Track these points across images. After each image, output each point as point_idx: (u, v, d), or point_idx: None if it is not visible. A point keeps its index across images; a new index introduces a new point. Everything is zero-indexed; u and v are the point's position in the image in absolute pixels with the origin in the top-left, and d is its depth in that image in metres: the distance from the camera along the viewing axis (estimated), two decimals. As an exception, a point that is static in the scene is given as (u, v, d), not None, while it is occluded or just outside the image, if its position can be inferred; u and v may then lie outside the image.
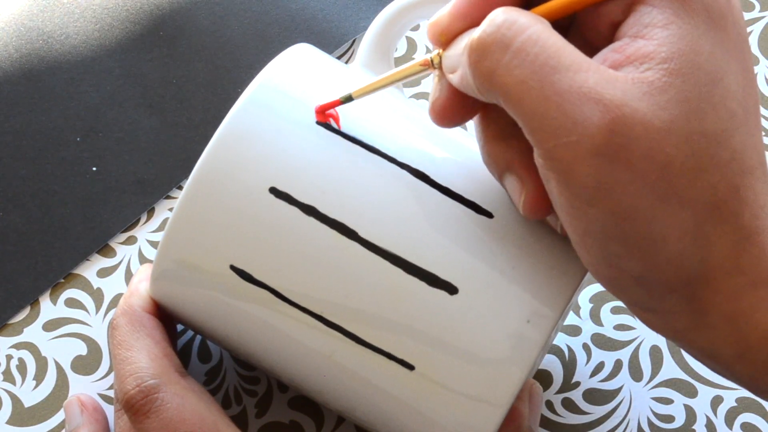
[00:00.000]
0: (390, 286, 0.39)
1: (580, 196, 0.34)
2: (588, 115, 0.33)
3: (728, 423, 0.48)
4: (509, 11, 0.35)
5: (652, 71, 0.34)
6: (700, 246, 0.34)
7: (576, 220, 0.35)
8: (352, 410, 0.41)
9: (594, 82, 0.33)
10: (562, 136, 0.33)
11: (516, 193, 0.37)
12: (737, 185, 0.34)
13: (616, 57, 0.35)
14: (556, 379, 0.48)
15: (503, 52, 0.34)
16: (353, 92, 0.40)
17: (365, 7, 0.55)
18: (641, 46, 0.34)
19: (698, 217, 0.34)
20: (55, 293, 0.50)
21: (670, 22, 0.34)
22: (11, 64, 0.53)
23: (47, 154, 0.52)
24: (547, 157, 0.34)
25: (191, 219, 0.40)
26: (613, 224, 0.34)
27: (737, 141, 0.34)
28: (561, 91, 0.33)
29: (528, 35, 0.34)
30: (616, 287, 0.36)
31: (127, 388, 0.41)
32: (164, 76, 0.53)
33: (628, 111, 0.33)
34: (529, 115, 0.34)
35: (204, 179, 0.39)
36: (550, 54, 0.34)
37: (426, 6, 0.44)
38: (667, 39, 0.34)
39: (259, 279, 0.39)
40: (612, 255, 0.35)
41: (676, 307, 0.35)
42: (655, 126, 0.33)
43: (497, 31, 0.34)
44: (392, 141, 0.40)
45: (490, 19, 0.35)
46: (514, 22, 0.34)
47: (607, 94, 0.33)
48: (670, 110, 0.33)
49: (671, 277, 0.34)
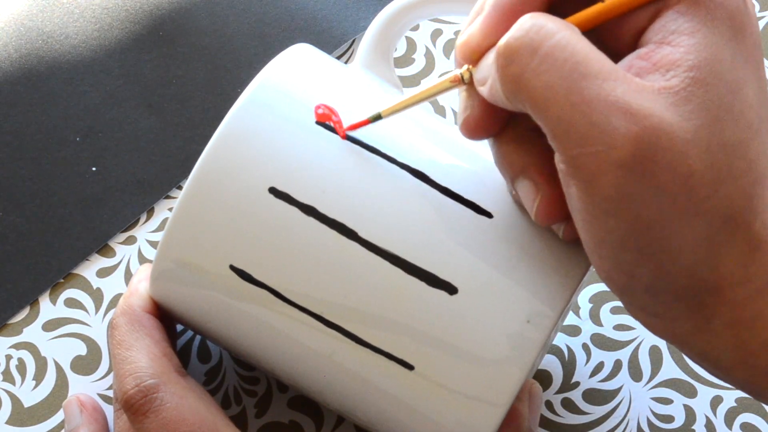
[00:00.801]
0: (390, 286, 0.39)
1: (601, 205, 0.34)
2: (615, 126, 0.33)
3: (728, 423, 0.48)
4: (537, 16, 0.34)
5: (677, 79, 0.33)
6: (712, 256, 0.34)
7: (594, 228, 0.34)
8: (352, 410, 0.41)
9: (622, 92, 0.33)
10: (588, 145, 0.33)
11: (529, 198, 0.37)
12: (751, 195, 0.34)
13: (642, 64, 0.34)
14: (555, 379, 0.48)
15: (531, 56, 0.34)
16: (382, 111, 0.40)
17: (365, 7, 0.55)
18: (668, 53, 0.34)
19: (713, 228, 0.34)
20: (55, 293, 0.50)
21: (696, 30, 0.34)
22: (11, 64, 0.53)
23: (47, 154, 0.52)
24: (570, 164, 0.34)
25: (191, 219, 0.40)
26: (631, 234, 0.34)
27: (753, 151, 0.34)
28: (589, 98, 0.33)
29: (557, 40, 0.34)
30: (624, 293, 0.36)
31: (126, 387, 0.41)
32: (164, 76, 0.53)
33: (656, 122, 0.33)
34: (554, 121, 0.33)
35: (203, 179, 0.39)
36: (578, 60, 0.33)
37: (425, 6, 0.44)
38: (694, 47, 0.34)
39: (258, 279, 0.39)
40: (626, 263, 0.34)
41: (680, 313, 0.35)
42: (679, 137, 0.33)
43: (525, 35, 0.34)
44: (392, 141, 0.40)
45: (518, 24, 0.34)
46: (543, 27, 0.34)
47: (635, 104, 0.33)
48: (694, 121, 0.33)
49: (681, 286, 0.34)
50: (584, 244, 0.36)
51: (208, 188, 0.39)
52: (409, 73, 0.54)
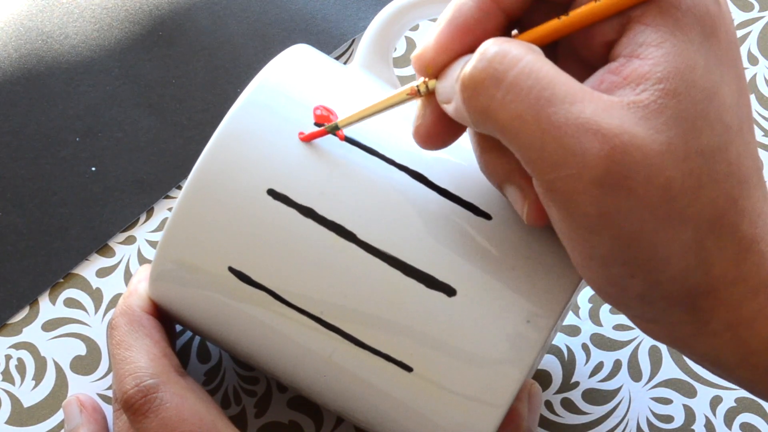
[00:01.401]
0: (388, 287, 0.39)
1: (582, 224, 0.34)
2: (587, 147, 0.33)
3: (727, 423, 0.48)
4: (500, 42, 0.34)
5: (647, 92, 0.33)
6: (702, 260, 0.34)
7: (578, 246, 0.34)
8: (351, 411, 0.41)
9: (590, 112, 0.33)
10: (562, 168, 0.33)
11: (518, 202, 0.37)
12: (735, 197, 0.34)
13: (613, 79, 0.34)
14: (555, 380, 0.48)
15: (496, 87, 0.33)
16: (339, 122, 0.40)
17: (364, 7, 0.55)
18: (637, 66, 0.34)
19: (699, 233, 0.34)
20: (54, 293, 0.50)
21: (664, 40, 0.34)
22: (11, 64, 0.53)
23: (46, 154, 0.52)
24: (546, 188, 0.34)
25: (190, 220, 0.40)
26: (617, 249, 0.34)
27: (733, 153, 0.34)
28: (558, 123, 0.33)
29: (520, 68, 0.33)
30: (619, 303, 0.36)
31: (126, 387, 0.41)
32: (163, 76, 0.53)
33: (627, 138, 0.33)
34: (526, 149, 0.33)
35: (202, 180, 0.39)
36: (544, 86, 0.33)
37: (425, 6, 0.44)
38: (662, 58, 0.34)
39: (257, 281, 0.39)
40: (616, 276, 0.35)
41: (678, 318, 0.35)
42: (653, 150, 0.33)
43: (489, 65, 0.34)
44: (390, 143, 0.40)
45: (480, 52, 0.34)
46: (506, 55, 0.34)
47: (604, 124, 0.33)
48: (667, 132, 0.33)
49: (674, 292, 0.35)
50: (573, 261, 0.36)
51: (206, 189, 0.39)
52: (408, 73, 0.54)
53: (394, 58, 0.54)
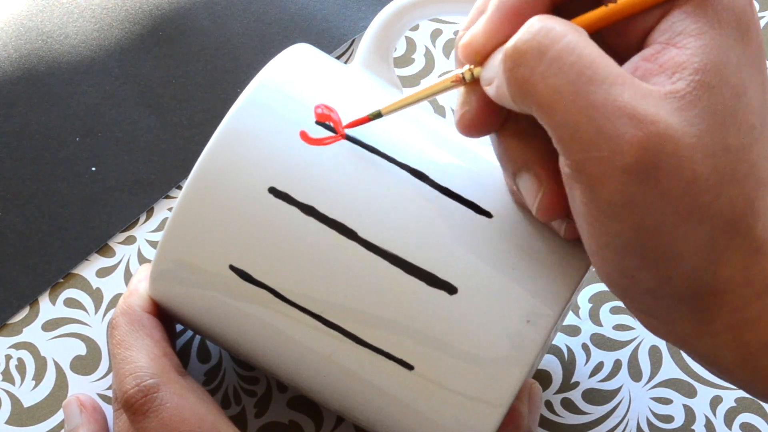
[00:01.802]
0: (389, 286, 0.39)
1: (605, 210, 0.33)
2: (621, 131, 0.33)
3: (727, 423, 0.48)
4: (546, 19, 0.34)
5: (683, 82, 0.33)
6: (714, 260, 0.34)
7: (597, 232, 0.34)
8: (351, 410, 0.41)
9: (628, 97, 0.33)
10: (593, 150, 0.33)
11: (531, 192, 0.37)
12: (753, 198, 0.34)
13: (648, 66, 0.34)
14: (555, 380, 0.48)
15: (539, 60, 0.33)
16: (382, 109, 0.40)
17: (365, 7, 0.55)
18: (674, 55, 0.34)
19: (715, 232, 0.34)
20: (55, 293, 0.50)
21: (703, 31, 0.34)
22: (11, 64, 0.53)
23: (46, 154, 0.52)
24: (575, 168, 0.34)
25: (190, 219, 0.40)
26: (635, 239, 0.34)
27: (755, 154, 0.34)
28: (595, 103, 0.33)
29: (565, 44, 0.33)
30: (626, 296, 0.36)
31: (126, 387, 0.41)
32: (164, 76, 0.53)
33: (662, 128, 0.33)
34: (561, 125, 0.33)
35: (203, 179, 0.39)
36: (585, 64, 0.33)
37: (425, 6, 0.44)
38: (700, 49, 0.34)
39: (258, 279, 0.39)
40: (628, 267, 0.34)
41: (681, 316, 0.35)
42: (684, 142, 0.33)
43: (533, 38, 0.34)
44: (392, 141, 0.40)
45: (527, 26, 0.34)
46: (551, 30, 0.34)
47: (641, 110, 0.33)
48: (698, 125, 0.33)
49: (682, 289, 0.34)
50: (586, 247, 0.35)
51: (207, 188, 0.39)
52: (408, 73, 0.54)
53: (395, 58, 0.54)
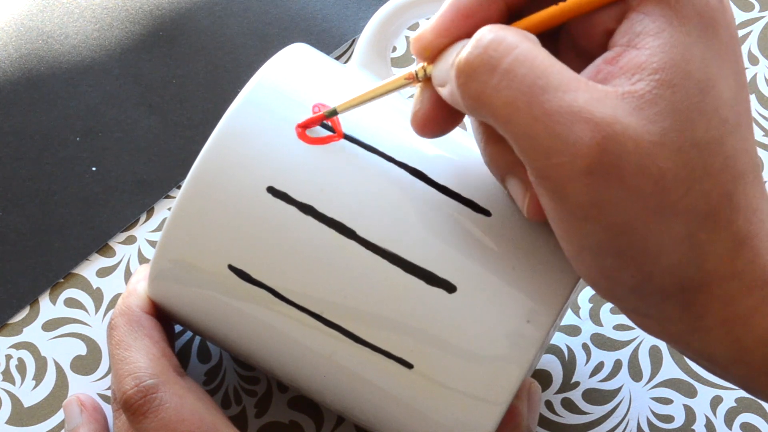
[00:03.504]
0: (388, 284, 0.39)
1: (574, 213, 0.34)
2: (579, 135, 0.33)
3: (728, 423, 0.47)
4: (496, 29, 0.34)
5: (643, 82, 0.33)
6: (696, 254, 0.34)
7: (570, 236, 0.35)
8: (351, 409, 0.41)
9: (584, 101, 0.33)
10: (553, 156, 0.33)
11: (519, 195, 0.37)
12: (730, 192, 0.34)
13: (609, 68, 0.34)
14: (555, 379, 0.48)
15: (491, 74, 0.33)
16: (337, 107, 0.40)
17: (364, 7, 0.55)
18: (633, 56, 0.34)
19: (692, 226, 0.34)
20: (55, 293, 0.50)
21: (662, 30, 0.34)
22: (11, 64, 0.53)
23: (47, 154, 0.52)
24: (539, 175, 0.34)
25: (189, 219, 0.40)
26: (608, 239, 0.34)
27: (729, 147, 0.34)
28: (550, 111, 0.33)
29: (515, 55, 0.33)
30: (612, 296, 0.36)
31: (125, 387, 0.41)
32: (164, 76, 0.53)
33: (619, 128, 0.33)
34: (519, 136, 0.33)
35: (201, 179, 0.39)
36: (538, 74, 0.33)
37: (422, 6, 0.44)
38: (659, 48, 0.34)
39: (257, 278, 0.39)
40: (608, 267, 0.35)
41: (671, 312, 0.35)
42: (646, 140, 0.33)
43: (484, 52, 0.34)
44: (390, 140, 0.40)
45: (476, 38, 0.34)
46: (501, 42, 0.34)
47: (597, 113, 0.33)
48: (661, 123, 0.33)
49: (667, 285, 0.34)
50: (566, 252, 0.36)
51: (206, 188, 0.39)
52: (408, 73, 0.54)
53: (395, 58, 0.54)
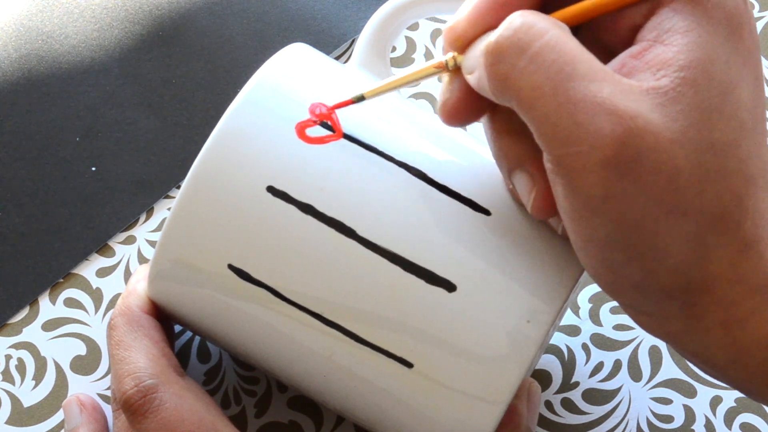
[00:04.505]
0: (388, 284, 0.39)
1: (587, 204, 0.34)
2: (600, 126, 0.33)
3: (727, 423, 0.47)
4: (527, 14, 0.34)
5: (667, 78, 0.34)
6: (701, 256, 0.34)
7: (580, 227, 0.35)
8: (351, 409, 0.41)
9: (608, 93, 0.33)
10: (573, 144, 0.33)
11: (526, 190, 0.37)
12: (741, 195, 0.34)
13: (634, 63, 0.34)
14: (555, 379, 0.48)
15: (519, 57, 0.34)
16: (366, 92, 0.40)
17: (364, 7, 0.55)
18: (660, 52, 0.34)
19: (701, 228, 0.34)
20: (55, 293, 0.50)
21: (691, 28, 0.34)
22: (10, 64, 0.53)
23: (46, 154, 0.52)
24: (556, 163, 0.34)
25: (188, 218, 0.40)
26: (617, 233, 0.34)
27: (744, 151, 0.34)
28: (575, 99, 0.33)
29: (545, 40, 0.34)
30: (614, 291, 0.36)
31: (125, 388, 0.41)
32: (164, 76, 0.53)
33: (641, 123, 0.33)
34: (540, 121, 0.34)
35: (201, 178, 0.39)
36: (566, 61, 0.33)
37: (422, 5, 0.44)
38: (686, 46, 0.34)
39: (257, 278, 0.39)
40: (613, 262, 0.35)
41: (671, 311, 0.35)
42: (665, 138, 0.33)
43: (514, 35, 0.34)
44: (390, 139, 0.40)
45: (508, 22, 0.34)
46: (532, 26, 0.34)
47: (620, 105, 0.33)
48: (681, 121, 0.33)
49: (670, 284, 0.35)
50: (572, 243, 0.36)
51: (205, 187, 0.39)
52: (408, 73, 0.54)
53: (394, 58, 0.54)
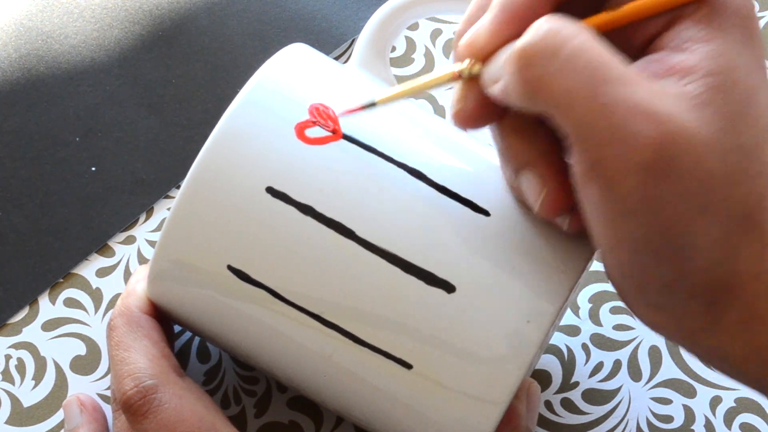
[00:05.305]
0: (388, 285, 0.39)
1: (622, 207, 0.34)
2: (639, 129, 0.33)
3: (727, 423, 0.47)
4: (554, 19, 0.34)
5: (694, 84, 0.34)
6: (727, 256, 0.34)
7: (611, 229, 0.35)
8: (350, 410, 0.41)
9: (643, 96, 0.33)
10: (611, 147, 0.33)
11: (534, 190, 0.37)
12: (764, 195, 0.35)
13: (656, 68, 0.35)
14: (555, 379, 0.48)
15: (551, 60, 0.34)
16: (378, 100, 0.39)
17: (364, 7, 0.55)
18: (684, 59, 0.34)
19: (729, 228, 0.34)
20: (54, 293, 0.50)
21: (712, 37, 0.34)
22: (10, 64, 0.53)
23: (46, 154, 0.52)
24: (591, 166, 0.34)
25: (188, 219, 0.40)
26: (651, 236, 0.34)
27: (766, 153, 0.35)
28: (611, 102, 0.33)
29: (577, 44, 0.34)
30: (638, 291, 0.36)
31: (125, 388, 0.41)
32: (163, 76, 0.53)
33: (676, 126, 0.33)
34: (576, 125, 0.33)
35: (201, 179, 0.39)
36: (598, 64, 0.33)
37: (422, 5, 0.44)
38: (710, 54, 0.34)
39: (256, 279, 0.39)
40: (643, 264, 0.35)
41: (693, 310, 0.35)
42: (699, 141, 0.33)
43: (543, 39, 0.34)
44: (390, 140, 0.40)
45: (536, 27, 0.34)
46: (561, 30, 0.34)
47: (656, 108, 0.33)
48: (712, 125, 0.33)
49: (698, 284, 0.35)
50: (599, 245, 0.36)
51: (205, 188, 0.39)
52: (408, 73, 0.54)
53: (394, 58, 0.54)
